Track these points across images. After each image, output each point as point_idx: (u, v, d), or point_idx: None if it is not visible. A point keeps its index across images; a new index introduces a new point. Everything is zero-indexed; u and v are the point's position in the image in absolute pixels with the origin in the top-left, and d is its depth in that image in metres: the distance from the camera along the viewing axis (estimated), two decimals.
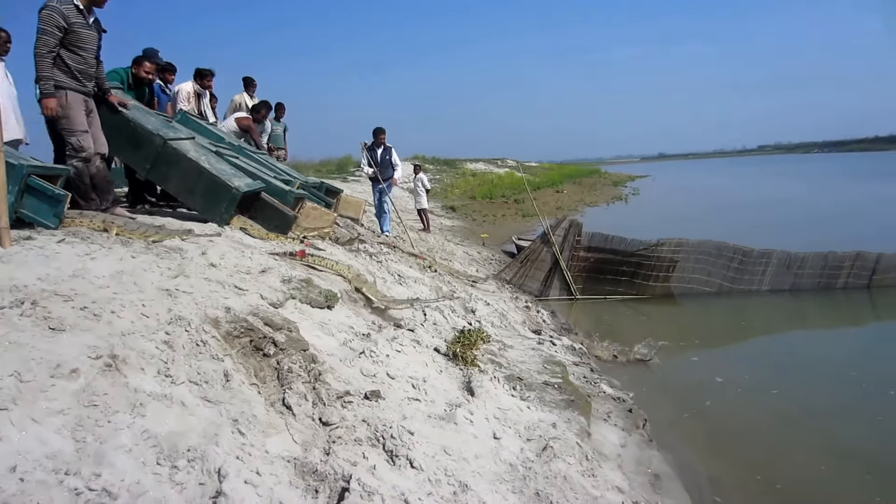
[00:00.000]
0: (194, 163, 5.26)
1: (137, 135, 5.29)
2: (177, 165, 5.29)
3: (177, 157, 5.28)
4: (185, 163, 5.28)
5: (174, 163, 5.29)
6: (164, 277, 3.54)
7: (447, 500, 2.56)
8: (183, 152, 5.30)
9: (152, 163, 5.31)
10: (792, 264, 10.29)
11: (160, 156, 5.27)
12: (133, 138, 5.30)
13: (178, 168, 5.30)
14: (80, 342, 2.53)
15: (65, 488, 1.82)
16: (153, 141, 5.26)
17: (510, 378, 4.41)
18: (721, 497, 3.93)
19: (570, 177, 41.57)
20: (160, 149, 5.26)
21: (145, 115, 5.59)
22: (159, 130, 5.33)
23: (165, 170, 5.33)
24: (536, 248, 10.33)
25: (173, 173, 5.33)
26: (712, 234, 10.91)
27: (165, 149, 5.26)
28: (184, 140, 5.55)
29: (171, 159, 5.29)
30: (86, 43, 4.80)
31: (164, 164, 5.31)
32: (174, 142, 5.33)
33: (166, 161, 5.29)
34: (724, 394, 5.69)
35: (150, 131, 5.27)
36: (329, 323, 4.02)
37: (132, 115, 5.33)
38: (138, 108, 5.64)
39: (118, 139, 5.28)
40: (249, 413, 2.62)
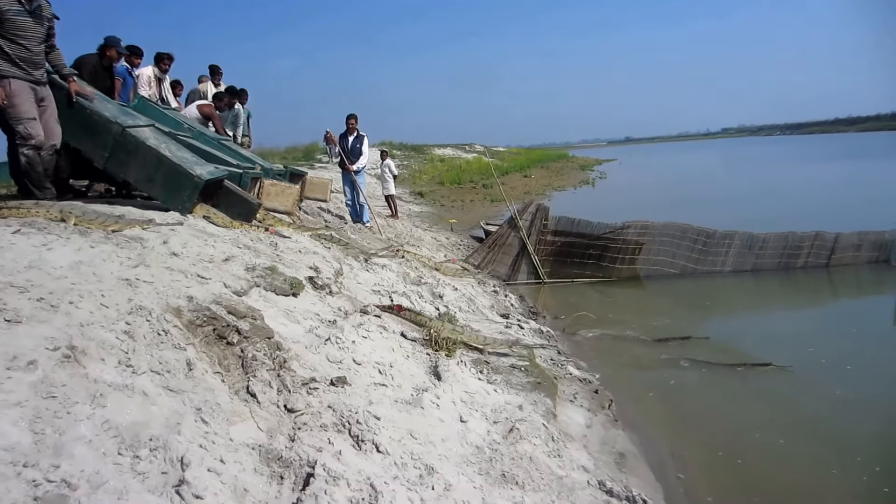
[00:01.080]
0: (154, 151, 5.11)
1: (94, 123, 5.10)
2: (136, 154, 5.12)
3: (136, 145, 5.12)
4: (144, 151, 5.12)
5: (133, 151, 5.12)
6: (124, 267, 3.48)
7: (413, 484, 2.58)
8: (142, 140, 5.14)
9: (111, 151, 5.12)
10: (754, 245, 10.52)
11: (119, 144, 5.10)
12: (89, 126, 5.11)
13: (138, 157, 5.12)
14: (37, 333, 2.48)
15: (22, 480, 1.80)
16: (111, 129, 5.08)
17: (477, 362, 4.46)
18: (684, 473, 4.03)
19: (537, 161, 41.70)
20: (119, 137, 5.08)
21: (102, 102, 5.43)
22: (117, 118, 5.16)
23: (124, 158, 5.15)
24: (504, 232, 10.39)
25: (133, 162, 5.15)
26: (677, 216, 11.09)
27: (124, 137, 5.09)
28: (143, 128, 5.40)
29: (131, 148, 5.12)
30: (25, 31, 4.65)
31: (122, 153, 5.13)
32: (133, 129, 5.17)
33: (125, 149, 5.12)
34: (688, 374, 5.81)
35: (107, 119, 5.09)
36: (294, 310, 4.00)
37: (88, 101, 5.16)
38: (95, 93, 5.48)
39: (73, 127, 5.10)
40: (213, 401, 2.61)
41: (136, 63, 7.64)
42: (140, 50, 7.64)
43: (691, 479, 3.99)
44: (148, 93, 7.74)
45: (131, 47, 7.42)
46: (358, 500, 2.28)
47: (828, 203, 17.22)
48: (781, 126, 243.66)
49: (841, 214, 13.70)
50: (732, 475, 4.11)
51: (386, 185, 13.89)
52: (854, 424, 4.82)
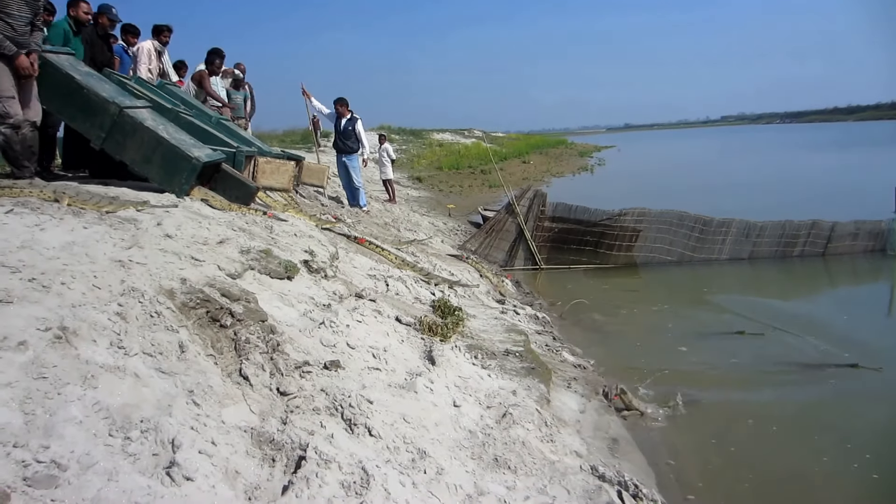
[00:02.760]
0: (152, 132, 5.06)
1: (91, 102, 5.04)
2: (133, 135, 5.07)
3: (133, 126, 5.07)
4: (142, 132, 5.07)
5: (131, 132, 5.07)
6: (117, 248, 3.45)
7: (405, 468, 2.59)
8: (140, 121, 5.09)
9: (107, 132, 5.07)
10: (751, 233, 10.53)
11: (116, 125, 5.05)
12: (87, 106, 5.05)
13: (135, 138, 5.08)
14: (28, 314, 2.46)
15: (12, 460, 1.79)
16: (108, 109, 5.02)
17: (472, 347, 4.46)
18: (675, 460, 4.05)
19: (536, 147, 41.56)
20: (116, 117, 5.03)
21: (100, 81, 5.36)
22: (115, 98, 5.11)
23: (121, 139, 5.10)
24: (501, 218, 10.38)
25: (130, 143, 5.10)
26: (675, 203, 11.08)
27: (122, 117, 5.04)
28: (141, 109, 5.35)
29: (128, 128, 5.07)
30: (14, 10, 4.62)
31: (119, 134, 5.08)
32: (131, 110, 5.12)
33: (122, 130, 5.06)
34: (685, 361, 5.82)
35: (105, 99, 5.03)
36: (289, 294, 3.99)
37: (86, 81, 5.08)
38: (92, 74, 5.41)
39: (70, 107, 5.07)
40: (205, 384, 2.60)
41: (132, 42, 7.57)
42: (136, 28, 7.57)
43: (683, 464, 4.01)
44: (149, 67, 7.65)
45: (127, 25, 7.36)
46: (350, 484, 2.28)
47: (825, 192, 17.21)
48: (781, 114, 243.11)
49: (838, 203, 13.69)
50: (724, 462, 4.11)
51: (384, 169, 13.83)
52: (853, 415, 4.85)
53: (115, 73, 6.54)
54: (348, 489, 2.26)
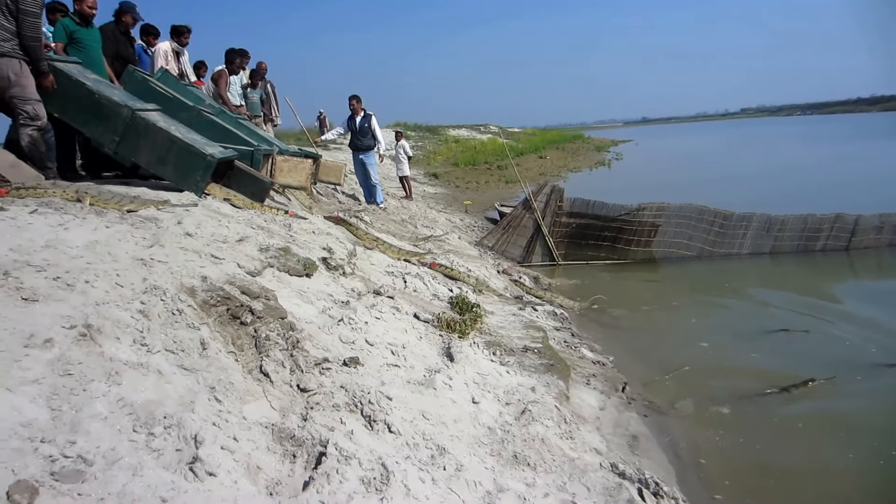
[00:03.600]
0: (165, 132, 5.13)
1: (103, 108, 5.10)
2: (146, 136, 5.14)
3: (146, 127, 5.13)
4: (155, 133, 5.13)
5: (144, 134, 5.14)
6: (139, 247, 3.50)
7: (425, 464, 2.60)
8: (153, 122, 5.16)
9: (121, 136, 5.14)
10: (772, 227, 10.39)
11: (129, 128, 5.12)
12: (99, 112, 5.12)
13: (148, 139, 5.15)
14: (53, 312, 2.51)
15: (39, 455, 1.83)
16: (120, 113, 5.09)
17: (490, 344, 4.46)
18: (698, 457, 3.99)
19: (553, 142, 41.33)
20: (129, 120, 5.10)
21: (110, 88, 5.44)
22: (126, 102, 5.18)
23: (135, 142, 5.16)
24: (518, 214, 10.35)
25: (143, 145, 5.17)
26: (694, 197, 10.96)
27: (134, 120, 5.11)
28: (151, 111, 5.42)
29: (141, 131, 5.13)
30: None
31: (133, 137, 5.15)
32: (143, 112, 5.19)
33: (136, 133, 5.13)
34: (706, 358, 5.74)
35: (116, 103, 5.10)
36: (308, 291, 4.02)
37: (96, 87, 5.16)
38: (101, 81, 5.47)
39: (83, 113, 5.13)
40: (227, 380, 2.63)
41: (152, 42, 7.64)
42: (156, 29, 7.63)
43: (707, 462, 3.96)
44: (166, 67, 7.71)
45: (147, 26, 7.42)
46: (370, 480, 2.29)
47: (849, 184, 16.92)
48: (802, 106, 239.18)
49: (862, 196, 13.44)
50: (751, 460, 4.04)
51: (400, 166, 13.84)
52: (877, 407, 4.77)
53: (138, 70, 6.63)
54: (368, 485, 2.27)
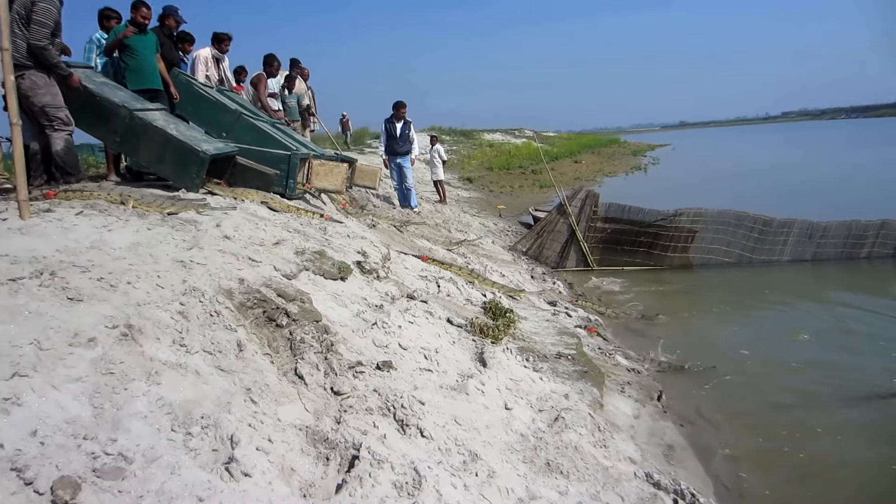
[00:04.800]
0: (161, 131, 5.27)
1: (104, 109, 5.28)
2: (145, 135, 5.31)
3: (144, 126, 5.29)
4: (152, 132, 5.29)
5: (142, 133, 5.30)
6: (178, 249, 3.58)
7: (457, 469, 2.59)
8: (150, 121, 5.31)
9: (122, 135, 5.34)
10: (814, 233, 10.12)
11: (128, 128, 5.29)
12: (100, 113, 5.29)
13: (147, 138, 5.31)
14: (97, 312, 2.58)
15: (82, 452, 1.88)
16: (119, 113, 5.26)
17: (523, 349, 4.44)
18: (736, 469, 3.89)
19: (588, 147, 41.04)
20: (127, 120, 5.26)
21: (114, 89, 5.60)
22: (125, 102, 5.34)
23: (135, 141, 5.36)
24: (553, 219, 10.28)
25: (143, 144, 5.35)
26: (733, 203, 10.75)
27: (132, 120, 5.27)
28: (153, 111, 5.58)
29: (139, 130, 5.30)
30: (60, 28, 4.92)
31: (133, 136, 5.33)
32: (141, 112, 5.35)
33: (135, 132, 5.30)
34: (746, 366, 5.59)
35: (116, 104, 5.27)
36: (342, 294, 4.06)
37: (99, 90, 5.32)
38: (106, 83, 5.64)
39: (87, 115, 5.29)
40: (262, 382, 2.67)
41: (187, 49, 7.77)
42: (191, 36, 7.77)
43: (745, 474, 3.86)
44: (205, 73, 7.87)
45: (182, 33, 7.58)
46: (402, 484, 2.30)
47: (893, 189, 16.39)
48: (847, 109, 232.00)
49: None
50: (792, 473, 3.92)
51: (435, 170, 13.87)
52: None
53: (182, 73, 6.81)
54: (401, 489, 2.28)
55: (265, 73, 8.84)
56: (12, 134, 3.51)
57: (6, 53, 3.45)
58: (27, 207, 3.59)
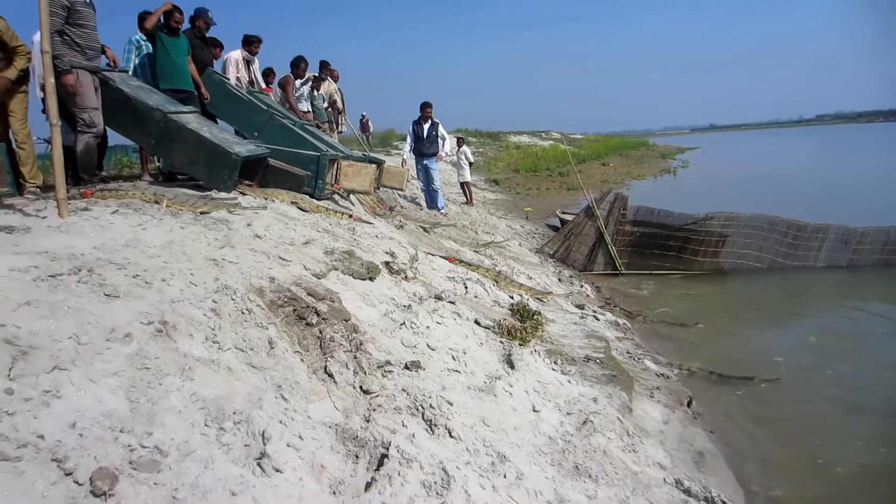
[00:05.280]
0: (195, 133, 5.36)
1: (139, 112, 5.38)
2: (179, 138, 5.40)
3: (178, 129, 5.38)
4: (185, 134, 5.38)
5: (176, 136, 5.40)
6: (211, 248, 3.64)
7: (485, 471, 2.59)
8: (183, 124, 5.40)
9: (156, 138, 5.44)
10: (850, 239, 9.89)
11: (163, 130, 5.39)
12: (136, 116, 5.39)
13: (180, 140, 5.41)
14: (132, 308, 2.64)
15: (119, 445, 1.92)
16: (153, 116, 5.35)
17: (551, 352, 4.42)
18: (769, 478, 3.82)
19: (616, 149, 40.68)
20: (162, 123, 5.36)
21: (148, 93, 5.71)
22: (160, 105, 5.43)
23: (169, 143, 5.45)
24: (580, 221, 10.21)
25: (176, 146, 5.45)
26: (764, 207, 10.56)
27: (167, 122, 5.37)
28: (185, 113, 5.67)
29: (173, 132, 5.39)
30: (87, 20, 4.95)
31: (167, 139, 5.42)
32: (175, 115, 5.44)
33: (169, 135, 5.40)
34: (780, 374, 5.44)
35: (150, 107, 5.36)
36: (370, 294, 4.08)
37: (134, 94, 5.42)
38: (141, 87, 5.75)
39: (123, 118, 5.41)
40: (292, 379, 2.70)
41: (217, 54, 7.89)
42: (220, 42, 7.88)
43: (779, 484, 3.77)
44: (236, 75, 7.98)
45: (210, 39, 7.69)
46: (430, 484, 2.30)
47: None
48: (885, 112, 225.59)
49: None
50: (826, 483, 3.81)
51: (461, 172, 13.88)
52: None
53: (216, 73, 6.93)
54: (429, 489, 2.28)
55: (292, 75, 8.94)
56: (52, 134, 3.60)
57: (46, 56, 3.54)
58: (66, 206, 3.68)
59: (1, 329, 2.20)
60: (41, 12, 3.49)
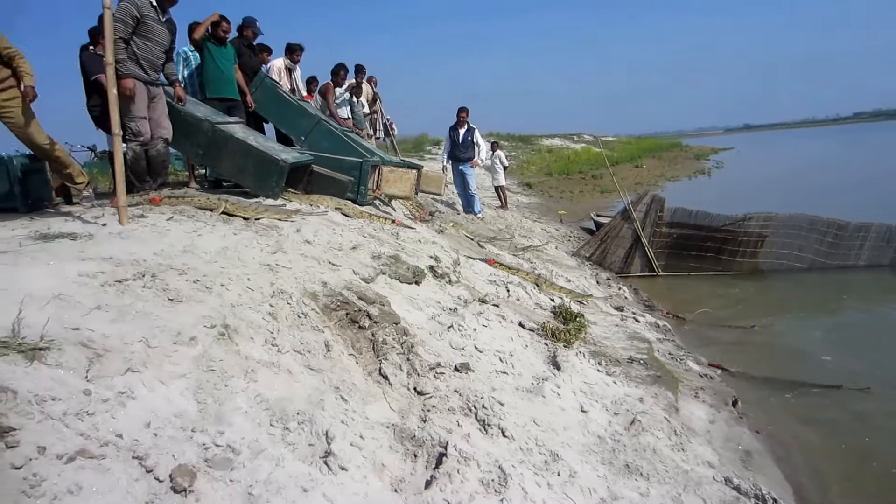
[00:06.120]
0: (242, 142, 5.51)
1: (188, 124, 5.54)
2: (227, 148, 5.55)
3: (225, 139, 5.53)
4: (233, 144, 5.53)
5: (224, 145, 5.55)
6: (264, 253, 3.75)
7: (539, 469, 2.63)
8: (231, 133, 5.55)
9: (205, 148, 5.60)
10: (892, 238, 9.68)
11: (211, 140, 5.54)
12: (184, 128, 5.54)
13: (228, 150, 5.55)
14: (195, 312, 2.74)
15: (195, 443, 2.01)
16: (202, 127, 5.52)
17: (595, 354, 4.44)
18: (820, 478, 3.79)
19: (649, 151, 40.22)
20: (210, 133, 5.52)
21: (195, 105, 5.88)
22: (208, 116, 5.59)
23: (217, 153, 5.61)
24: (617, 224, 10.17)
25: (224, 155, 5.60)
26: (801, 207, 10.40)
27: (215, 133, 5.52)
28: (232, 124, 5.82)
29: (221, 143, 5.55)
30: (156, 36, 5.11)
31: (215, 148, 5.58)
32: (222, 125, 5.60)
33: (217, 145, 5.56)
34: (828, 373, 5.35)
35: (199, 118, 5.53)
36: (417, 298, 4.15)
37: (182, 107, 5.57)
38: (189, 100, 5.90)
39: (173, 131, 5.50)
40: (350, 381, 2.78)
41: (265, 59, 8.09)
42: (269, 47, 8.08)
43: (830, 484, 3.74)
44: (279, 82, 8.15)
45: (260, 45, 7.88)
46: (488, 482, 2.35)
47: None
48: None
49: None
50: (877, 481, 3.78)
51: (496, 176, 13.91)
52: None
53: (268, 77, 7.13)
54: (487, 486, 2.33)
55: (332, 83, 9.09)
56: (113, 143, 3.74)
57: (110, 68, 3.69)
58: (126, 213, 3.82)
59: (76, 332, 2.31)
60: (105, 25, 3.63)
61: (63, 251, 3.24)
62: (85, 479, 1.70)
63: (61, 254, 3.17)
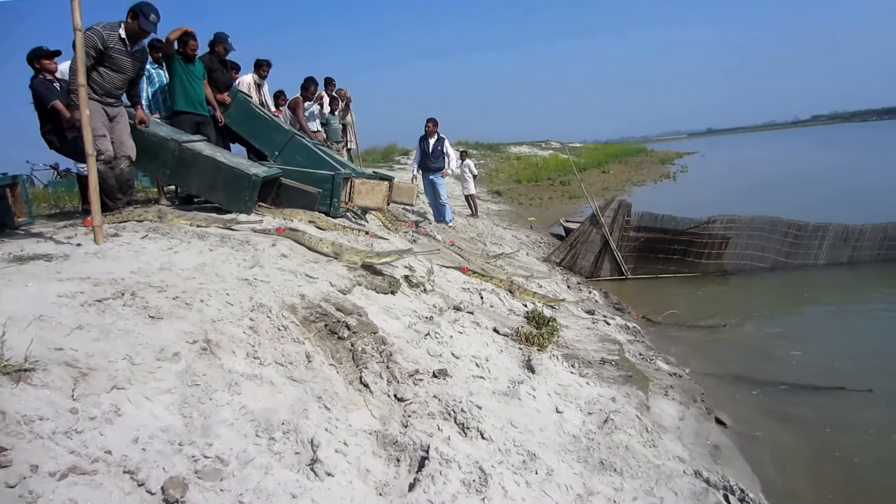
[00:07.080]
0: (211, 159, 5.50)
1: (153, 144, 5.49)
2: (195, 165, 5.51)
3: (194, 157, 5.50)
4: (202, 161, 5.50)
5: (192, 163, 5.51)
6: (241, 268, 3.80)
7: (518, 468, 2.73)
8: (199, 151, 5.52)
9: (172, 168, 5.55)
10: (849, 237, 10.09)
11: (179, 160, 5.50)
12: (149, 149, 5.48)
13: (197, 167, 5.52)
14: (177, 328, 2.78)
15: (184, 456, 2.06)
16: (168, 146, 5.47)
17: (568, 356, 4.56)
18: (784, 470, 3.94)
19: (615, 156, 40.88)
20: (177, 153, 5.48)
21: (157, 126, 5.82)
22: (172, 136, 5.55)
23: (185, 172, 5.56)
24: (586, 229, 10.37)
25: (193, 174, 5.56)
26: (765, 209, 10.74)
27: (182, 152, 5.48)
28: (196, 142, 5.79)
29: (189, 161, 5.51)
30: (120, 68, 5.06)
31: (183, 167, 5.53)
32: (188, 144, 5.56)
33: (185, 163, 5.51)
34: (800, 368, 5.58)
35: (164, 138, 5.49)
36: (394, 307, 4.23)
37: (144, 128, 5.50)
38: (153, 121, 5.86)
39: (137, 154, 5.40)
40: (331, 391, 2.85)
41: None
42: (237, 64, 8.10)
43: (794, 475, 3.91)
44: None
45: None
46: (469, 482, 2.44)
47: None
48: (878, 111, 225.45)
49: None
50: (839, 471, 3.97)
51: (466, 184, 14.03)
52: None
53: (241, 92, 7.15)
54: (469, 487, 2.42)
55: (301, 97, 9.13)
56: (88, 165, 3.76)
57: (82, 90, 3.71)
58: (101, 232, 3.84)
59: (60, 352, 2.34)
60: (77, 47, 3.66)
61: (40, 272, 3.25)
62: (79, 495, 1.74)
63: (38, 275, 3.19)
